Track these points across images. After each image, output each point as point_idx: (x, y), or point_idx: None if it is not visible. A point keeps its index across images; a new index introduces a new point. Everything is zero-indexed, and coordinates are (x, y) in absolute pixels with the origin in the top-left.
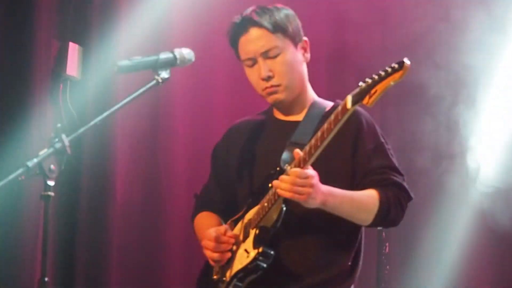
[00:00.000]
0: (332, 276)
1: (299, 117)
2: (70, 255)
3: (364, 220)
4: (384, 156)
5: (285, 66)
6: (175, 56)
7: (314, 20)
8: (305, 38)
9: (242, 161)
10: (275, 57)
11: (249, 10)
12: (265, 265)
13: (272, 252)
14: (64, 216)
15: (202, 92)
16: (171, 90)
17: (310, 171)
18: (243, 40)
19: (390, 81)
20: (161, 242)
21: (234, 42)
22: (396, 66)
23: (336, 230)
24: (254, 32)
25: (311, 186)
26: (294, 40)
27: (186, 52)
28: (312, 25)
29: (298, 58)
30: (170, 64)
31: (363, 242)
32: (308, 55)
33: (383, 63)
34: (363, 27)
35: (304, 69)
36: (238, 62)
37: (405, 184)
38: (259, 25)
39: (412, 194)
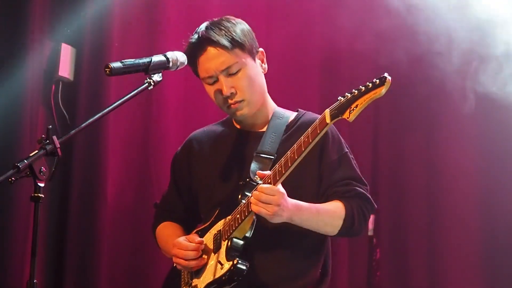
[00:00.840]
0: (303, 284)
1: (261, 127)
2: (60, 257)
3: (330, 232)
4: (348, 166)
5: (246, 81)
6: (167, 59)
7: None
8: (260, 49)
9: (206, 170)
10: (236, 73)
11: (203, 27)
12: (239, 277)
13: (246, 264)
14: (55, 218)
15: (194, 96)
16: (163, 93)
17: (279, 188)
18: (202, 59)
19: (371, 96)
20: (152, 245)
21: (192, 61)
22: (378, 81)
23: (304, 241)
24: (212, 51)
25: (278, 204)
26: (252, 53)
27: (179, 55)
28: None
29: (258, 71)
30: (163, 67)
31: (330, 250)
32: (265, 66)
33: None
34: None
35: (264, 80)
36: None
37: (368, 194)
38: (217, 44)
39: (375, 204)
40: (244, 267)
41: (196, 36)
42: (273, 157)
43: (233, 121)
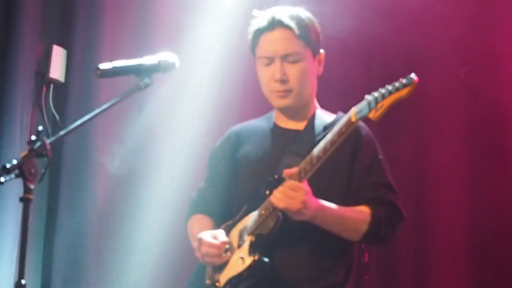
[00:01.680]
0: (325, 286)
1: (300, 126)
2: (48, 258)
3: (353, 237)
4: (380, 173)
5: (300, 74)
6: (159, 62)
7: None
8: (322, 51)
9: (240, 166)
10: (293, 62)
11: (278, 9)
12: (260, 273)
13: (267, 261)
14: (43, 218)
15: (185, 98)
16: (154, 95)
17: (304, 186)
18: (266, 37)
19: (397, 96)
20: (141, 247)
21: (256, 35)
22: (404, 81)
23: (331, 241)
24: (280, 32)
25: (302, 201)
26: (314, 51)
27: (170, 58)
28: None
29: (314, 69)
30: (154, 69)
31: (354, 254)
32: (321, 69)
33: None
34: None
35: (315, 81)
36: (224, 67)
37: (398, 203)
38: (287, 27)
39: (404, 213)
40: (265, 264)
41: (270, 13)
42: (305, 156)
43: (273, 117)
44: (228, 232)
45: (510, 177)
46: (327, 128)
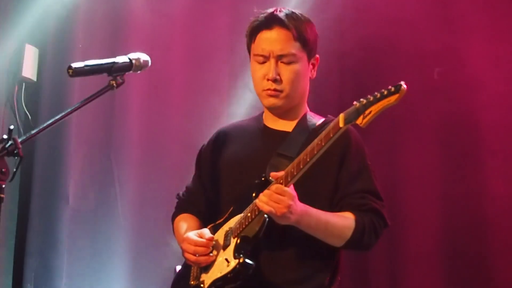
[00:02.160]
0: None
1: (289, 127)
2: (20, 258)
3: (336, 243)
4: (367, 179)
5: (294, 76)
6: (131, 61)
7: None
8: (317, 56)
9: (228, 166)
10: (288, 63)
11: (278, 9)
12: (244, 276)
13: (252, 263)
14: (15, 218)
15: (157, 97)
16: (126, 95)
17: (290, 190)
18: (264, 35)
19: (386, 103)
20: (113, 246)
21: (254, 32)
22: (393, 89)
23: (317, 244)
24: (277, 32)
25: (287, 206)
26: (310, 54)
27: (142, 57)
28: None
29: (307, 72)
30: (126, 69)
31: (341, 258)
32: (314, 73)
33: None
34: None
35: (308, 84)
36: (195, 67)
37: (383, 210)
38: (286, 27)
39: (388, 221)
40: (249, 267)
41: (270, 12)
42: (293, 158)
43: (262, 118)
44: (214, 232)
45: (481, 179)
46: (315, 131)
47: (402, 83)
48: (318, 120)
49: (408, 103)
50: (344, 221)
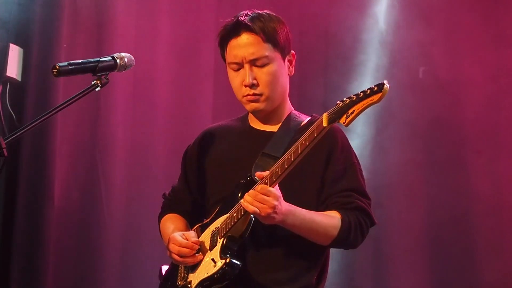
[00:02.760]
0: None
1: (274, 127)
2: (6, 257)
3: (322, 241)
4: (353, 178)
5: (270, 77)
6: (115, 61)
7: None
8: (292, 51)
9: (214, 166)
10: (262, 66)
11: (243, 13)
12: (231, 276)
13: (239, 263)
14: (0, 219)
15: (142, 97)
16: (111, 94)
17: (275, 190)
18: (233, 43)
19: (369, 102)
20: (98, 246)
21: (223, 42)
22: (375, 88)
23: (304, 244)
24: (246, 38)
25: (271, 206)
26: (283, 52)
27: (126, 57)
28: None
29: (284, 71)
30: (110, 68)
31: (329, 257)
32: (292, 69)
33: None
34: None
35: (287, 82)
36: (180, 68)
37: (369, 209)
38: (252, 31)
39: (375, 219)
40: (236, 267)
41: (234, 19)
42: (278, 158)
43: (248, 118)
44: (201, 232)
45: (466, 178)
46: (301, 130)
47: (385, 82)
48: (303, 119)
49: (393, 102)
50: (329, 220)
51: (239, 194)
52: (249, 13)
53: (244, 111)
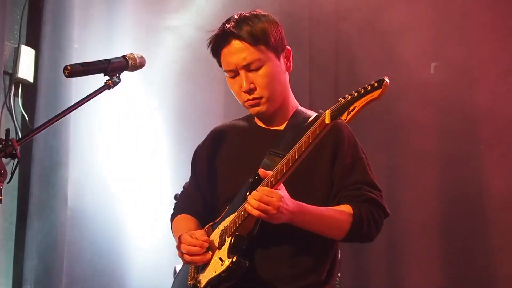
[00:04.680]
0: (307, 285)
1: (281, 125)
2: (20, 259)
3: (336, 235)
4: (362, 171)
5: (267, 79)
6: (126, 61)
7: None
8: (288, 47)
9: (223, 166)
10: (257, 69)
11: (230, 20)
12: (238, 275)
13: (246, 262)
14: (14, 220)
15: (154, 98)
16: (123, 95)
17: (277, 192)
18: (225, 52)
19: (369, 99)
20: (112, 246)
21: (215, 52)
22: (376, 84)
23: (311, 241)
24: (235, 44)
25: (276, 207)
26: (277, 50)
27: (137, 57)
28: None
29: (280, 69)
30: (122, 68)
31: (339, 253)
32: (290, 64)
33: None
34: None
35: (286, 78)
36: (190, 66)
37: (381, 200)
38: (240, 38)
39: (388, 210)
40: (243, 266)
41: (222, 27)
42: (284, 156)
43: (254, 117)
44: (212, 231)
45: (479, 173)
46: (307, 127)
47: (385, 77)
48: (309, 115)
49: (405, 98)
50: (341, 214)
51: (247, 193)
52: (236, 17)
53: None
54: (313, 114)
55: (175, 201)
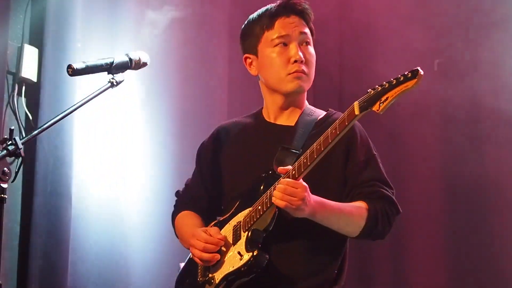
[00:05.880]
0: (319, 282)
1: (291, 121)
2: (24, 258)
3: (351, 232)
4: (375, 168)
5: (312, 58)
6: (130, 59)
7: None
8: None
9: (231, 162)
10: (307, 44)
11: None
12: (258, 268)
13: (266, 256)
14: (18, 219)
15: (158, 96)
16: (127, 94)
17: (303, 183)
18: (284, 20)
19: (403, 89)
20: (117, 245)
21: (269, 21)
22: (410, 74)
23: (325, 237)
24: (295, 19)
25: (301, 198)
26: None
27: (141, 55)
28: None
29: None
30: (125, 67)
31: (348, 251)
32: None
33: None
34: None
35: None
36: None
37: (393, 197)
38: (302, 15)
39: (400, 208)
40: (264, 259)
41: (285, 1)
42: (298, 151)
43: (262, 114)
44: (220, 228)
45: (486, 171)
46: (319, 124)
47: (419, 68)
48: (319, 113)
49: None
50: (357, 210)
51: (261, 188)
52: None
53: (256, 108)
54: (322, 112)
55: (176, 198)
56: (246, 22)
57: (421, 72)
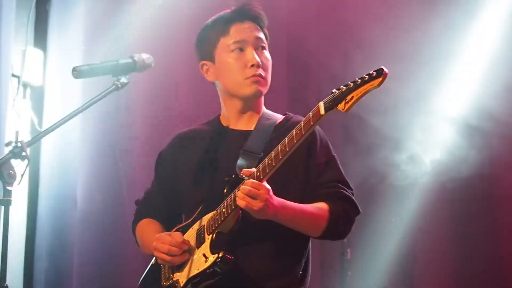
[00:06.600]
0: (285, 283)
1: (249, 126)
2: (30, 260)
3: (314, 233)
4: (335, 170)
5: (269, 62)
6: (134, 61)
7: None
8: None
9: (191, 169)
10: (263, 48)
11: (247, 4)
12: (224, 270)
13: (232, 257)
14: (24, 221)
15: (162, 98)
16: (132, 96)
17: (265, 185)
18: (238, 27)
19: (368, 88)
20: (121, 247)
21: (223, 27)
22: (374, 73)
23: (290, 238)
24: (249, 24)
25: (264, 199)
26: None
27: (145, 57)
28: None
29: None
30: (129, 69)
31: (310, 252)
32: None
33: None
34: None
35: None
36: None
37: (353, 198)
38: (256, 21)
39: (359, 208)
40: (229, 261)
41: (240, 6)
42: (260, 155)
43: (220, 120)
44: (183, 233)
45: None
46: (279, 127)
47: (383, 67)
48: (278, 117)
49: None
50: (318, 211)
51: (225, 191)
52: (254, 4)
53: (212, 116)
54: (280, 116)
55: (136, 207)
56: (201, 29)
57: (386, 71)
